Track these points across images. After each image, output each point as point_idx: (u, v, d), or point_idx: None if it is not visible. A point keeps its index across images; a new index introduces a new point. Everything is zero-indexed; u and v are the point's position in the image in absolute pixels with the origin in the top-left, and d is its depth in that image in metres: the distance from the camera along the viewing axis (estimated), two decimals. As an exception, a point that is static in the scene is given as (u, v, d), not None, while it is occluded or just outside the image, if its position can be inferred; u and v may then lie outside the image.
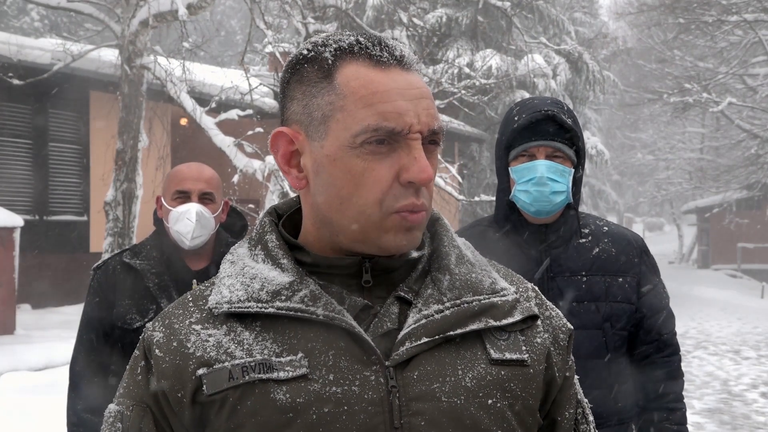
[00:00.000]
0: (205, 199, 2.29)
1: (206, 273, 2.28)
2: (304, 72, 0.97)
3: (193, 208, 2.25)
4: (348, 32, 0.99)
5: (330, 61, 0.95)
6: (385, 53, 0.95)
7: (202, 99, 9.70)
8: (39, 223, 10.64)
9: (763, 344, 11.87)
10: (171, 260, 2.30)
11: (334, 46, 0.96)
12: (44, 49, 9.83)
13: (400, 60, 0.96)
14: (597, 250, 2.04)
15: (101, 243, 9.71)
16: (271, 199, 8.62)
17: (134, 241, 8.97)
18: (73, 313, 9.82)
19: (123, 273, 2.27)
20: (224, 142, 8.42)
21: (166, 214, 2.30)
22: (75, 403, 2.23)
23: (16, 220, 8.81)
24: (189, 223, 2.24)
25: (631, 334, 2.07)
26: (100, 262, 2.35)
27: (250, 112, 8.87)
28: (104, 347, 2.23)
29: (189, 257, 2.32)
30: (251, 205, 11.51)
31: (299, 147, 0.98)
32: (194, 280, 2.27)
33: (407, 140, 0.93)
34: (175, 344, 0.97)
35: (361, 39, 0.96)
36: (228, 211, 2.45)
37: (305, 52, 0.98)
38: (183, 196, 2.29)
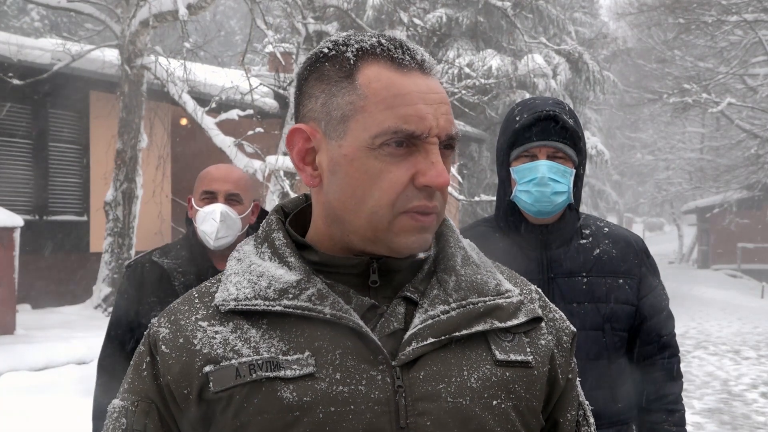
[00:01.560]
0: (231, 200, 2.30)
1: None
2: (324, 70, 0.97)
3: (218, 209, 2.26)
4: (369, 33, 0.99)
5: (352, 61, 0.95)
6: (407, 56, 0.96)
7: (202, 99, 9.69)
8: (39, 223, 10.63)
9: (763, 344, 11.87)
10: (198, 260, 2.31)
11: (356, 46, 0.96)
12: (44, 49, 9.83)
13: (421, 64, 0.96)
14: (598, 251, 2.04)
15: (101, 243, 9.71)
16: (272, 199, 8.62)
17: (134, 240, 8.98)
18: (73, 313, 9.82)
19: (151, 271, 2.28)
20: (224, 142, 8.43)
21: (194, 214, 2.32)
22: (101, 400, 2.25)
23: (16, 220, 8.80)
24: (213, 223, 2.24)
25: (631, 336, 2.07)
26: (131, 260, 2.37)
27: (250, 112, 8.87)
28: (130, 344, 2.24)
29: (217, 258, 2.33)
30: (251, 205, 11.48)
31: (316, 145, 0.98)
32: None
33: (425, 144, 0.94)
34: (181, 341, 0.97)
35: (383, 41, 0.96)
36: (258, 213, 2.44)
37: (326, 50, 0.98)
38: (210, 197, 2.30)
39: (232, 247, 2.31)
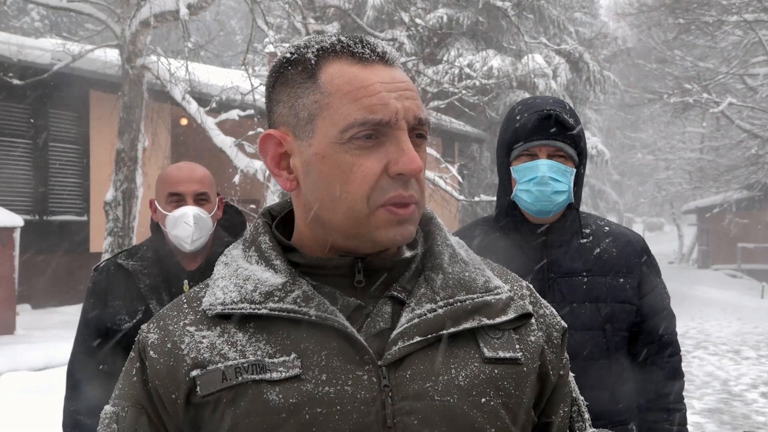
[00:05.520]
0: (200, 200, 2.25)
1: (199, 273, 2.26)
2: (288, 74, 0.98)
3: (190, 212, 2.21)
4: (330, 34, 1.00)
5: (313, 62, 0.96)
6: (367, 50, 0.96)
7: (202, 99, 9.70)
8: (39, 223, 10.63)
9: (763, 344, 11.87)
10: (165, 261, 2.27)
11: (316, 46, 0.97)
12: (44, 49, 9.83)
13: (382, 56, 0.97)
14: (598, 250, 2.04)
15: (101, 243, 9.71)
16: (272, 200, 8.63)
17: (134, 240, 8.97)
18: (73, 313, 9.82)
19: (116, 274, 2.25)
20: (225, 142, 8.44)
21: (162, 218, 2.26)
22: (69, 405, 2.23)
23: (16, 220, 8.80)
24: (188, 227, 2.20)
25: (632, 335, 2.06)
26: (98, 263, 2.34)
27: (250, 112, 8.88)
28: (98, 348, 2.22)
29: (184, 258, 2.29)
30: (252, 206, 11.50)
31: (288, 148, 0.99)
32: (186, 281, 2.24)
33: (394, 132, 0.94)
34: (169, 346, 0.97)
35: (343, 38, 0.98)
36: (223, 207, 2.40)
37: (288, 55, 0.99)
38: (177, 199, 2.24)
39: (201, 246, 2.28)
